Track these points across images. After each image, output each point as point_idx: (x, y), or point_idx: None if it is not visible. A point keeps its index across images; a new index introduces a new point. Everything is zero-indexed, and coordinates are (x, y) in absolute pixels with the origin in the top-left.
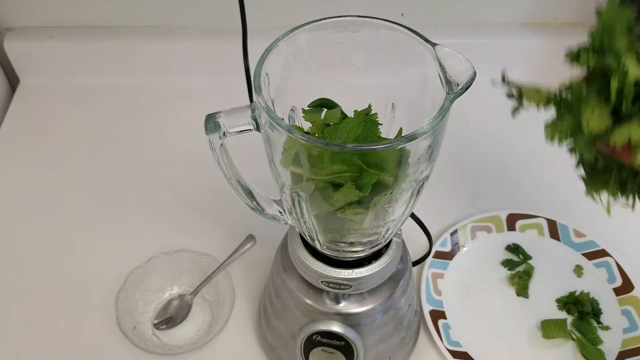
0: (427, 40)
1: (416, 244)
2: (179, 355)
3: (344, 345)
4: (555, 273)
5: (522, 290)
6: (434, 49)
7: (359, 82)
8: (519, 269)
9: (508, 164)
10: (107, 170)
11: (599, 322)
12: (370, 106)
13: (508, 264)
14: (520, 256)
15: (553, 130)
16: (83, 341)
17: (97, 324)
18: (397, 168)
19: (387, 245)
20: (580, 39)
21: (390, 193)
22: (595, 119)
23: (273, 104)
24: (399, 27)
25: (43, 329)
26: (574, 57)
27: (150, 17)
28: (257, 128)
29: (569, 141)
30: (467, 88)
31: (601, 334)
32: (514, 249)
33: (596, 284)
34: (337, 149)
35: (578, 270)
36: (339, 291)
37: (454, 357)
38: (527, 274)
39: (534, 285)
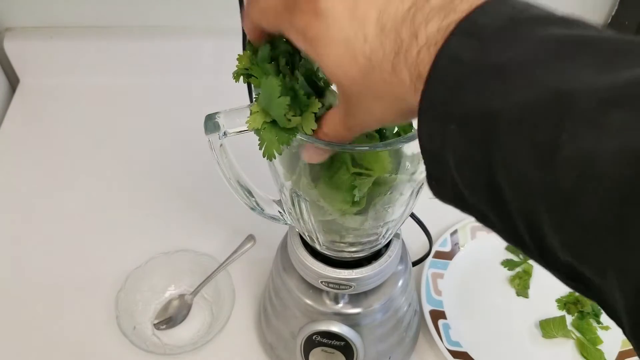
0: None
1: (416, 244)
2: (179, 355)
3: (344, 345)
4: None
5: (522, 290)
6: None
7: None
8: (518, 269)
9: None
10: (107, 170)
11: (598, 322)
12: None
13: (508, 264)
14: (520, 256)
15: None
16: (83, 341)
17: (97, 324)
18: (397, 168)
19: (387, 245)
20: None
21: (390, 193)
22: None
23: None
24: None
25: (43, 329)
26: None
27: (150, 17)
28: None
29: None
30: None
31: (601, 334)
32: (514, 249)
33: None
34: (337, 149)
35: None
36: (339, 291)
37: (454, 357)
38: (527, 273)
39: (534, 285)
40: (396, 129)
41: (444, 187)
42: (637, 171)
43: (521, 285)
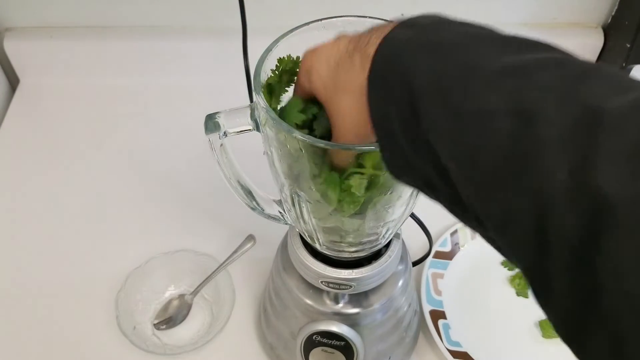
0: None
1: (416, 244)
2: (179, 355)
3: (344, 345)
4: None
5: (522, 291)
6: None
7: None
8: (518, 269)
9: None
10: (107, 170)
11: None
12: None
13: (508, 264)
14: None
15: None
16: (83, 341)
17: (97, 324)
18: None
19: (387, 245)
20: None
21: (390, 193)
22: None
23: None
24: None
25: (43, 329)
26: None
27: (150, 17)
28: (257, 128)
29: None
30: None
31: None
32: None
33: None
34: (337, 149)
35: None
36: (339, 291)
37: (454, 357)
38: None
39: None
40: None
41: (396, 158)
42: (523, 125)
43: (521, 285)
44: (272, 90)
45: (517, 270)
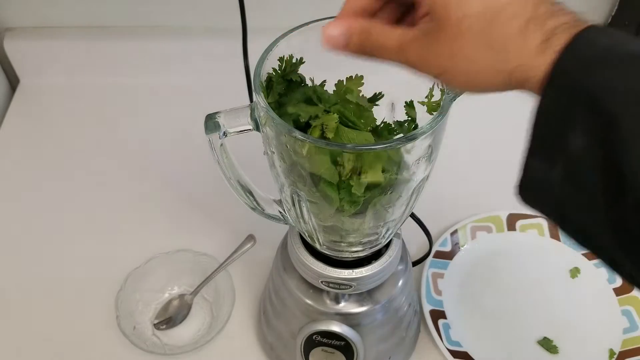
0: None
1: (416, 244)
2: (179, 355)
3: (344, 345)
4: (555, 273)
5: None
6: None
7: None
8: None
9: (508, 164)
10: (107, 170)
11: None
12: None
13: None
14: None
15: None
16: (83, 341)
17: (97, 324)
18: (397, 168)
19: (387, 245)
20: None
21: (390, 193)
22: None
23: None
24: None
25: (43, 329)
26: None
27: (150, 17)
28: (257, 128)
29: None
30: None
31: (600, 333)
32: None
33: (596, 284)
34: (337, 149)
35: (574, 272)
36: (339, 291)
37: (454, 357)
38: None
39: (534, 285)
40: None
41: (544, 185)
42: None
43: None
44: (270, 85)
45: None
